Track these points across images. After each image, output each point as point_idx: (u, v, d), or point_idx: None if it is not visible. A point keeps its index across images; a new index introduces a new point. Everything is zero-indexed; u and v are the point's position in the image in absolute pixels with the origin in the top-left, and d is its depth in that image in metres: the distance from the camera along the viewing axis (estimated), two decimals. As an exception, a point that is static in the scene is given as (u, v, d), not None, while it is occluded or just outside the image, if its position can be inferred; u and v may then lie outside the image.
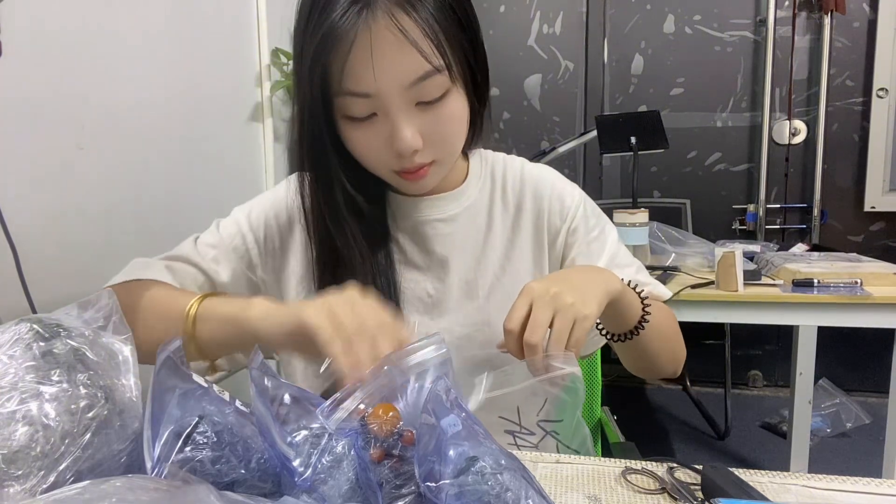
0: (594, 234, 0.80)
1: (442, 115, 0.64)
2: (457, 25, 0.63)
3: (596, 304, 0.60)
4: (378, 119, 0.63)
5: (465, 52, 0.64)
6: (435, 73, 0.60)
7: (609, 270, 0.67)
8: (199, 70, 1.38)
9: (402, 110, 0.61)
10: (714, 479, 0.51)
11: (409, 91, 0.61)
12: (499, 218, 0.79)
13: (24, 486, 0.38)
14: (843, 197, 2.66)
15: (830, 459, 2.17)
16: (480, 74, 0.68)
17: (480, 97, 0.70)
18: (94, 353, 0.45)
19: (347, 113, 0.63)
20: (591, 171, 2.90)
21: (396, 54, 0.58)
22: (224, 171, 1.51)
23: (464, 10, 0.64)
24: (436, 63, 0.60)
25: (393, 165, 0.66)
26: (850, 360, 2.67)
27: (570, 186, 0.82)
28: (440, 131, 0.65)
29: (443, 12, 0.60)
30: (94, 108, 1.04)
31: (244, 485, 0.42)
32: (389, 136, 0.63)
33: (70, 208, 0.99)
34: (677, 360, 0.79)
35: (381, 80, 0.59)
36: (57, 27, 0.97)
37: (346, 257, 0.69)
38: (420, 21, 0.58)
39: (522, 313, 0.58)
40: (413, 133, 0.62)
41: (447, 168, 0.72)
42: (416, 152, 0.64)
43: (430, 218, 0.76)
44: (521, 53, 2.88)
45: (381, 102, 0.61)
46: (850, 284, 1.44)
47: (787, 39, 2.62)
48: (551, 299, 0.58)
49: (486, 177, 0.81)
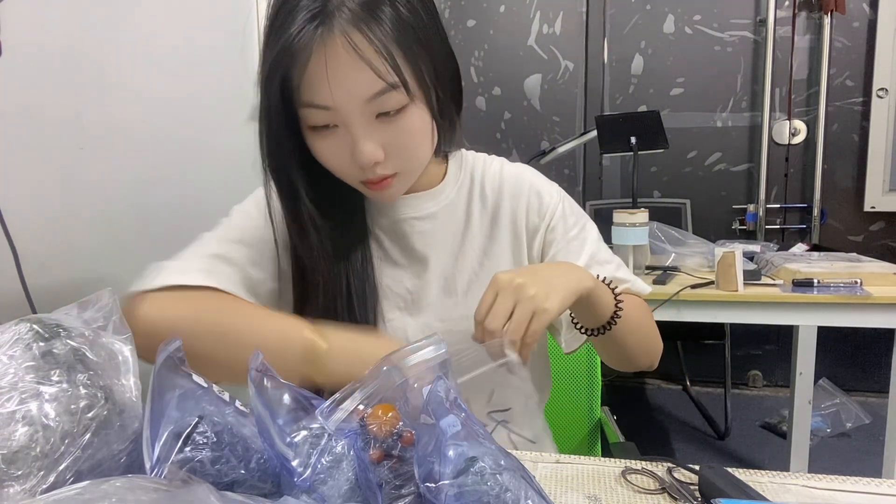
0: (573, 232, 0.81)
1: (401, 129, 0.65)
2: (416, 43, 0.63)
3: (559, 298, 0.61)
4: (340, 130, 0.64)
5: (423, 69, 0.64)
6: (390, 90, 0.61)
7: (582, 268, 0.69)
8: (199, 70, 1.38)
9: (361, 124, 0.63)
10: (711, 480, 0.51)
11: (368, 105, 0.62)
12: (477, 216, 0.80)
13: (24, 486, 0.38)
14: (843, 197, 2.66)
15: (830, 459, 2.17)
16: (441, 90, 0.68)
17: (443, 111, 0.69)
18: (94, 353, 0.45)
19: (310, 123, 0.65)
20: (591, 171, 2.90)
21: (350, 71, 0.60)
22: (224, 172, 1.51)
23: (424, 29, 0.64)
24: (390, 80, 0.61)
25: (358, 176, 0.68)
26: (850, 360, 2.67)
27: (548, 185, 0.83)
28: (400, 144, 0.66)
29: (400, 31, 0.61)
30: (94, 109, 1.04)
31: (244, 485, 0.42)
32: (350, 149, 0.64)
33: (70, 209, 0.99)
34: (652, 353, 0.81)
35: (338, 94, 0.61)
36: (57, 27, 0.97)
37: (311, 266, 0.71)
38: (374, 40, 0.59)
39: (489, 304, 0.60)
40: (373, 146, 0.64)
41: (413, 177, 0.73)
42: (378, 164, 0.65)
43: (408, 216, 0.78)
44: (521, 53, 2.87)
45: (340, 116, 0.63)
46: (850, 284, 1.44)
47: (787, 39, 2.62)
48: (514, 290, 0.59)
49: (464, 177, 0.82)
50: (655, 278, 1.60)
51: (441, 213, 0.79)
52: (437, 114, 0.68)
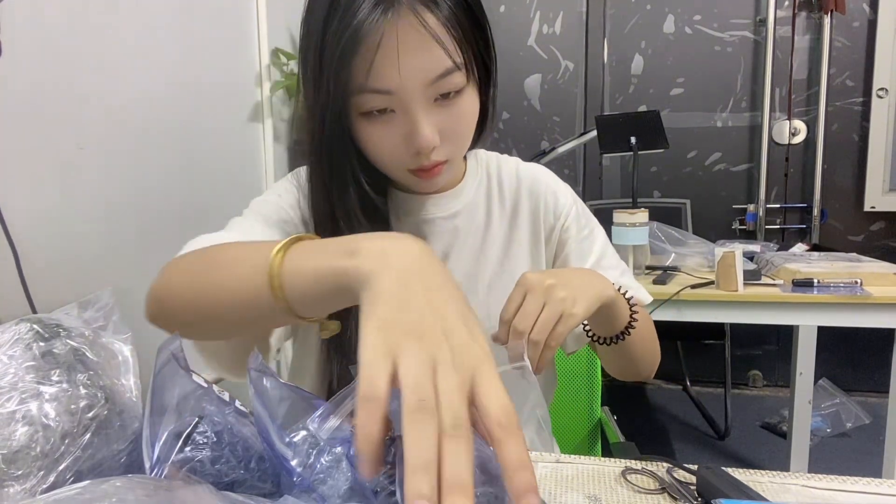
0: (584, 233, 0.82)
1: (457, 112, 0.65)
2: (474, 24, 0.64)
3: (585, 305, 0.61)
4: (396, 116, 0.63)
5: (480, 50, 0.65)
6: (455, 70, 0.61)
7: (605, 277, 0.68)
8: (199, 70, 1.38)
9: (422, 107, 0.62)
10: (709, 480, 0.51)
11: (431, 87, 0.61)
12: (496, 214, 0.81)
13: (24, 485, 0.38)
14: (843, 197, 2.66)
15: (830, 459, 2.17)
16: (495, 73, 0.69)
17: (489, 96, 0.70)
18: (94, 353, 0.45)
19: (364, 109, 0.63)
20: (591, 171, 2.90)
21: (421, 51, 0.59)
22: (224, 171, 1.52)
23: (479, 8, 0.65)
24: (457, 60, 0.61)
25: (409, 164, 0.66)
26: (850, 360, 2.67)
27: (563, 186, 0.84)
28: (455, 128, 0.66)
29: (462, 10, 0.62)
30: (95, 108, 1.04)
31: (244, 485, 0.42)
32: (407, 134, 0.63)
33: (70, 208, 0.99)
34: (654, 364, 0.82)
35: (406, 76, 0.60)
36: (57, 27, 0.97)
37: None
38: (442, 18, 0.59)
39: (517, 304, 0.59)
40: (432, 130, 0.63)
41: (456, 166, 0.73)
42: (434, 149, 0.65)
43: (433, 216, 0.78)
44: (521, 53, 2.87)
45: (401, 99, 0.61)
46: (850, 284, 1.44)
47: (787, 39, 2.62)
48: (544, 291, 0.59)
49: (482, 175, 0.82)
50: (655, 278, 1.60)
51: (463, 212, 0.79)
52: (486, 97, 0.68)
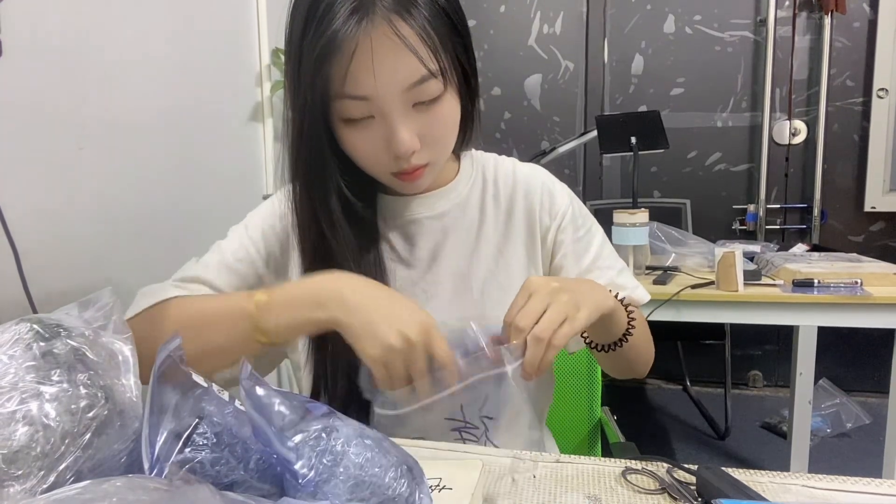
0: (581, 233, 0.82)
1: (436, 118, 0.66)
2: (451, 30, 0.64)
3: (588, 313, 0.61)
4: (375, 122, 0.64)
5: (458, 56, 0.66)
6: (430, 78, 0.62)
7: (605, 288, 0.69)
8: (199, 70, 1.38)
9: (399, 113, 0.63)
10: (709, 480, 0.51)
11: (407, 94, 0.63)
12: (491, 214, 0.81)
13: (24, 486, 0.38)
14: (843, 197, 2.66)
15: (830, 459, 2.17)
16: (473, 79, 0.70)
17: (472, 100, 0.71)
18: (95, 353, 0.45)
19: (345, 115, 0.64)
20: (591, 171, 2.90)
21: (395, 59, 0.60)
22: (224, 171, 1.52)
23: (457, 15, 0.66)
24: (432, 67, 0.62)
25: (391, 167, 0.68)
26: (850, 360, 2.67)
27: (559, 186, 0.84)
28: (434, 133, 0.67)
29: (438, 18, 0.62)
30: (94, 109, 1.04)
31: (243, 486, 0.42)
32: (386, 139, 0.64)
33: (70, 208, 0.99)
34: (649, 362, 0.83)
35: (381, 83, 0.61)
36: (57, 27, 0.97)
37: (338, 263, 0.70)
38: (416, 27, 0.60)
39: (520, 305, 0.60)
40: (410, 135, 0.64)
41: (438, 169, 0.73)
42: (414, 153, 0.66)
43: (420, 215, 0.78)
44: (521, 53, 2.87)
45: (379, 105, 0.62)
46: (851, 284, 1.44)
47: (787, 39, 2.61)
48: (549, 293, 0.59)
49: (476, 175, 0.83)
50: (655, 278, 1.60)
51: (453, 210, 0.79)
52: (467, 103, 0.69)
